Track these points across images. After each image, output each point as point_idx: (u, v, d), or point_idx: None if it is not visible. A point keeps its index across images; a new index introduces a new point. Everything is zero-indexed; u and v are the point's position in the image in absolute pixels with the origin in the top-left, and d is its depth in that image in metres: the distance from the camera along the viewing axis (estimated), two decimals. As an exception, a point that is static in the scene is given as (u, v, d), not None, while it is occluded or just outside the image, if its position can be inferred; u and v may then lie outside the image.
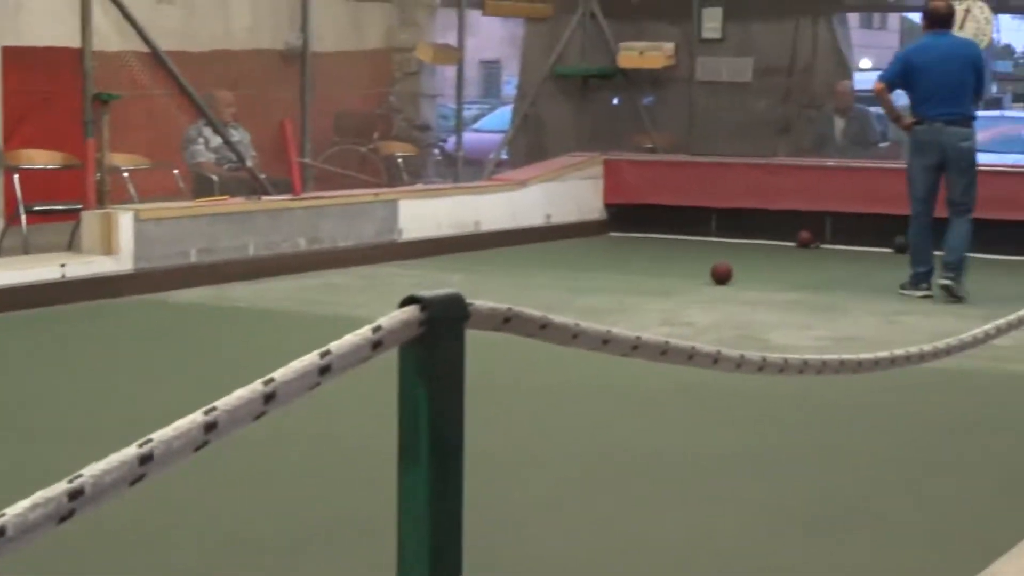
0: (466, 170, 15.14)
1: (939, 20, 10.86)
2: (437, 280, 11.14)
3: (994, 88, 36.66)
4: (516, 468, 5.82)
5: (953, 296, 10.44)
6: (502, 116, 21.06)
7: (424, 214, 13.31)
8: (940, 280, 10.54)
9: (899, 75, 10.86)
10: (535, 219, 14.56)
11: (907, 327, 9.20)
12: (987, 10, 13.69)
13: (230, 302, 10.32)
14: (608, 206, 15.43)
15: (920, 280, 10.76)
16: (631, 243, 14.71)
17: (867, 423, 6.78)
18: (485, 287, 10.92)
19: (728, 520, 5.21)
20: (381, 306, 2.50)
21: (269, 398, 2.11)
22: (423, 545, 2.30)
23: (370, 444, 4.95)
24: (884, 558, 4.83)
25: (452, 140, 15.93)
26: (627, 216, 15.30)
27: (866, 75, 22.30)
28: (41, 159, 11.93)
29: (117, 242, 10.53)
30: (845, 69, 16.13)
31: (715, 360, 3.08)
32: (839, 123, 15.18)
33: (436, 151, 16.71)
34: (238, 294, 10.64)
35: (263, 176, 12.73)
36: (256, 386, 2.12)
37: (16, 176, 11.52)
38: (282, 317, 9.50)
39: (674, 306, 10.25)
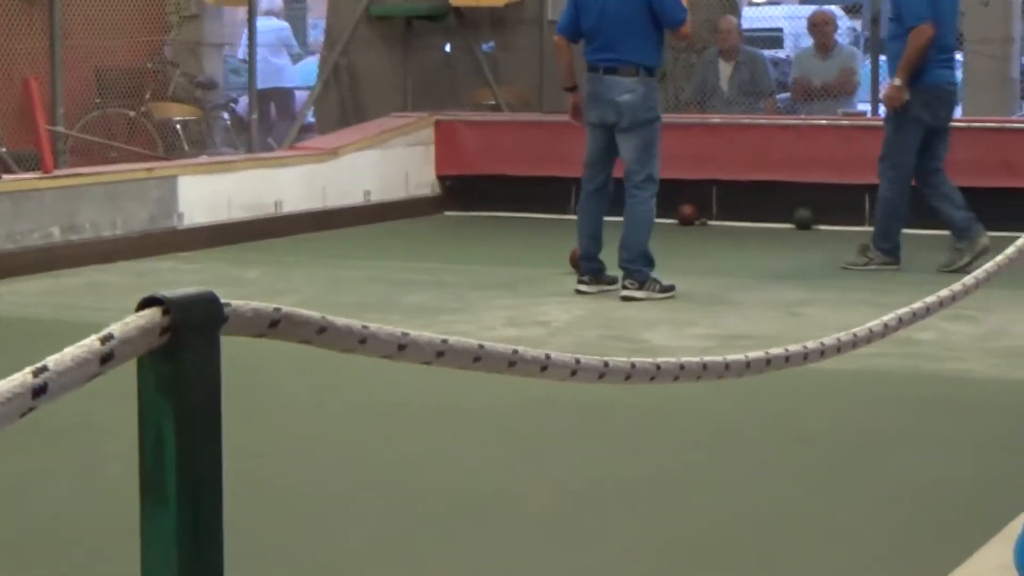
0: (263, 137, 15.06)
1: None
2: (228, 276, 11.05)
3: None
4: (327, 510, 5.74)
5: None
6: (307, 69, 20.95)
7: (211, 194, 13.20)
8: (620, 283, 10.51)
9: (573, 21, 10.80)
10: (351, 197, 14.54)
11: (811, 320, 9.26)
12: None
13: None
14: (442, 178, 15.43)
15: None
16: (471, 224, 14.75)
17: (758, 439, 6.82)
18: (288, 283, 10.89)
19: (593, 562, 5.18)
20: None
21: None
22: None
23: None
24: None
25: (244, 100, 15.82)
26: (466, 190, 15.31)
27: (758, 11, 22.63)
28: None
29: None
30: (732, 3, 16.26)
31: (573, 372, 3.02)
32: (725, 69, 15.29)
33: (224, 114, 16.56)
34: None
35: (2, 150, 12.51)
36: None
37: None
38: (30, 327, 9.33)
39: (525, 302, 10.26)
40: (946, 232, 11.78)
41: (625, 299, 10.27)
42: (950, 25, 11.80)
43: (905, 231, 11.55)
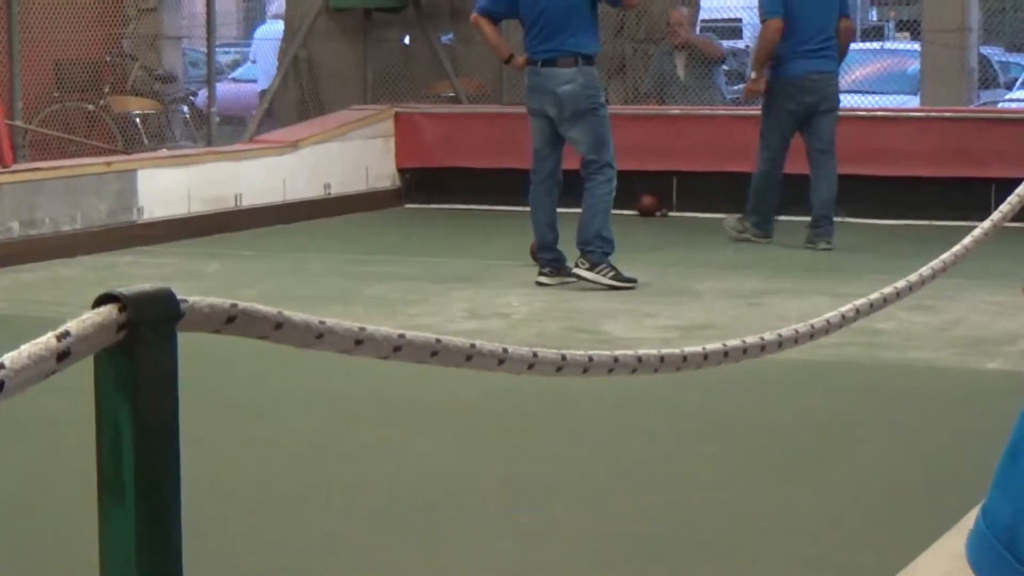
0: (222, 130, 15.07)
1: None
2: (188, 270, 11.02)
3: (873, 15, 37.42)
4: (286, 504, 5.73)
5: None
6: (265, 61, 20.90)
7: (171, 187, 13.16)
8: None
9: (497, 3, 10.82)
10: (311, 190, 14.50)
11: (771, 310, 9.27)
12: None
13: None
14: (402, 171, 15.41)
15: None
16: (432, 216, 14.70)
17: (719, 430, 6.81)
18: (249, 277, 10.84)
19: (550, 555, 5.18)
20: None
21: None
22: None
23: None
24: None
25: (203, 93, 15.77)
26: (426, 183, 15.31)
27: (714, 1, 22.57)
28: None
29: None
30: (690, -8, 16.30)
31: (531, 365, 3.02)
32: (681, 60, 15.27)
33: (183, 107, 16.50)
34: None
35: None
36: None
37: None
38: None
39: (485, 294, 10.26)
40: (901, 221, 11.87)
41: (575, 276, 10.37)
42: (814, 17, 12.14)
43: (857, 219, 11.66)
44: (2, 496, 5.83)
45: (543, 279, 10.49)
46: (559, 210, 10.61)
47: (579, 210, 10.45)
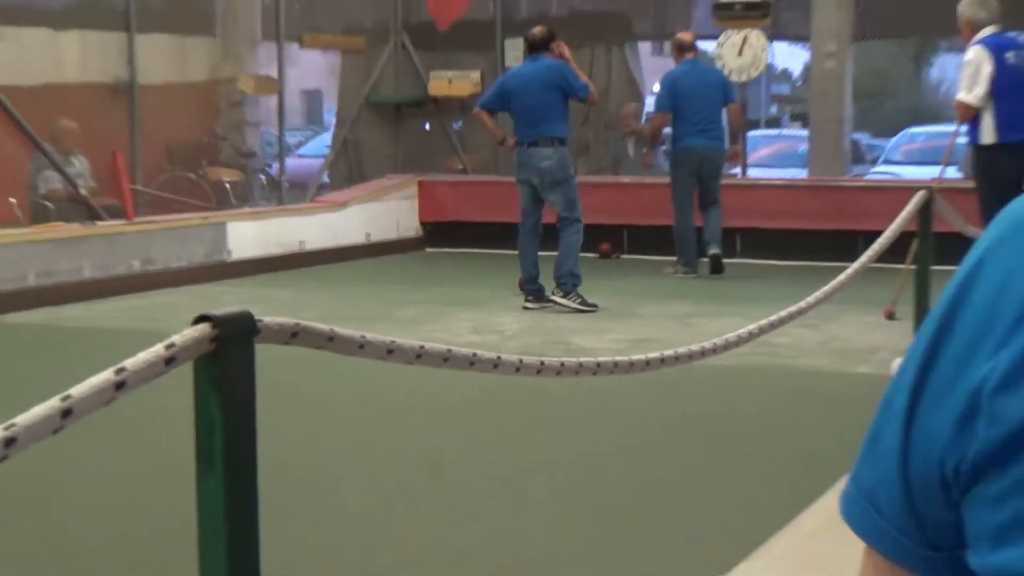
0: (290, 193, 15.01)
1: (531, 46, 10.80)
2: (264, 297, 10.99)
3: (773, 108, 37.64)
4: (331, 478, 5.71)
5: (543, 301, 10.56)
6: (323, 142, 20.88)
7: (251, 235, 13.15)
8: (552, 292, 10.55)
9: (495, 99, 10.85)
10: (356, 238, 14.46)
11: (698, 328, 9.24)
12: (763, 38, 13.91)
13: (66, 322, 10.05)
14: (423, 224, 15.37)
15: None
16: (445, 258, 14.63)
17: (659, 417, 6.83)
18: (309, 302, 10.80)
19: (531, 519, 5.19)
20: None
21: (66, 413, 2.07)
22: (220, 547, 2.24)
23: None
24: (663, 547, 4.86)
25: (276, 165, 15.75)
26: (441, 233, 15.25)
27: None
28: None
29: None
30: (638, 93, 16.28)
31: (515, 365, 3.02)
32: (631, 143, 15.28)
33: (261, 176, 16.46)
34: (74, 314, 10.37)
35: (97, 203, 12.43)
36: (53, 402, 2.08)
37: None
38: (114, 336, 9.23)
39: (484, 315, 10.21)
40: (789, 263, 11.86)
41: (551, 302, 10.39)
42: (698, 106, 12.21)
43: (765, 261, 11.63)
44: (124, 468, 5.84)
45: (529, 305, 10.48)
46: (540, 253, 10.60)
47: (555, 253, 10.44)
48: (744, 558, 4.50)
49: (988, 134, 9.38)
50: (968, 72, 9.39)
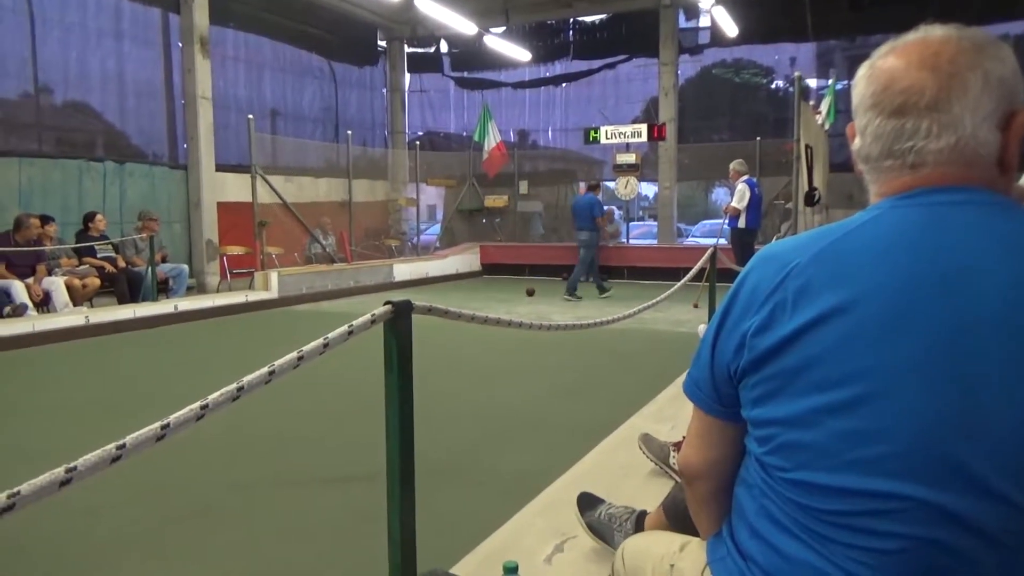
0: (422, 251, 14.95)
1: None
2: (426, 298, 10.88)
3: (641, 212, 36.44)
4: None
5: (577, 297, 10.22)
6: (436, 228, 20.63)
7: (404, 269, 12.95)
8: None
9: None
10: (451, 270, 14.24)
11: (610, 312, 9.07)
12: (635, 180, 13.82)
13: (322, 310, 9.88)
14: (483, 264, 15.06)
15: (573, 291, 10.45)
16: (493, 282, 14.28)
17: (585, 351, 6.56)
18: (433, 300, 10.64)
19: (526, 393, 4.84)
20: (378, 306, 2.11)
21: (325, 347, 1.85)
22: (394, 416, 1.99)
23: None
24: (599, 404, 4.51)
25: (416, 238, 15.73)
26: (491, 270, 14.94)
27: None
28: (235, 249, 11.51)
29: (270, 284, 10.17)
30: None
31: (520, 324, 2.95)
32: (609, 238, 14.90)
33: (409, 243, 16.48)
34: (327, 307, 10.17)
35: (335, 255, 12.40)
36: (318, 342, 1.83)
37: (224, 257, 11.19)
38: (345, 316, 9.07)
39: (510, 305, 10.01)
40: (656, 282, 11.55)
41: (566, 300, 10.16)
42: (577, 214, 10.59)
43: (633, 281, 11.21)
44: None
45: (568, 298, 10.28)
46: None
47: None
48: (636, 412, 4.01)
49: (742, 223, 9.44)
50: (738, 193, 9.46)
